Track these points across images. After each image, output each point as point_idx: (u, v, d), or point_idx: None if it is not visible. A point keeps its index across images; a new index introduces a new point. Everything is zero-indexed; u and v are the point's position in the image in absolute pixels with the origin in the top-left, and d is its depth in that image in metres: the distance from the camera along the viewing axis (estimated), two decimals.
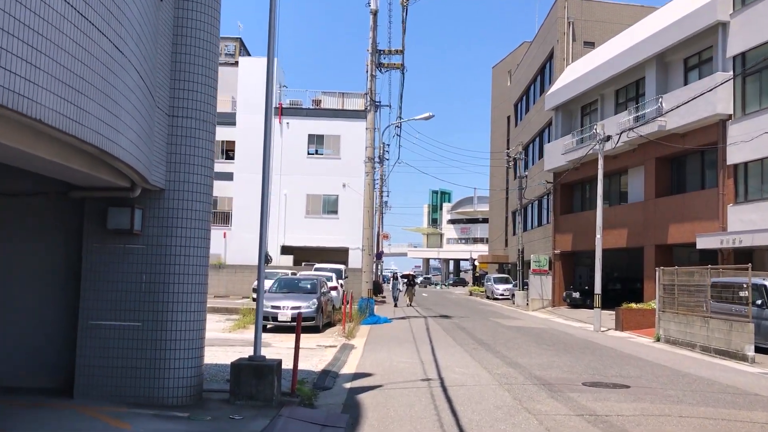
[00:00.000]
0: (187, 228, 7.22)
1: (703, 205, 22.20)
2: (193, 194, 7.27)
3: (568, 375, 9.86)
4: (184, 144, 7.26)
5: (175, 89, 7.25)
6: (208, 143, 7.49)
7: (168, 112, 7.19)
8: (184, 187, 7.24)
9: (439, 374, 9.76)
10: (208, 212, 7.50)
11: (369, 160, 21.74)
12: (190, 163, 7.28)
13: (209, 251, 7.57)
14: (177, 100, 7.26)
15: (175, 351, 7.06)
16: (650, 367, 11.31)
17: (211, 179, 7.58)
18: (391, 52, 21.54)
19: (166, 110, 7.15)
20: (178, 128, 7.25)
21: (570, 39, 35.19)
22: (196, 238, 7.29)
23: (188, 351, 7.15)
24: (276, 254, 35.49)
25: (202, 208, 7.38)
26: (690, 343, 15.54)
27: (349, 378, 9.73)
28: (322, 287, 18.51)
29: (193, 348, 7.21)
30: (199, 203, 7.33)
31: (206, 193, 7.44)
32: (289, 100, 36.08)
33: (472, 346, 13.67)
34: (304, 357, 11.81)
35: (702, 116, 21.47)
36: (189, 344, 7.16)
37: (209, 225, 7.55)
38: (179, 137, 7.25)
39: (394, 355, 12.22)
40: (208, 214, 7.49)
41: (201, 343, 7.40)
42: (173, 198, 7.19)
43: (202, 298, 7.43)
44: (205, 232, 7.42)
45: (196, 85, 7.34)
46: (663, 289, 17.49)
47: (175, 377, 7.05)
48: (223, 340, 14.19)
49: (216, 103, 7.63)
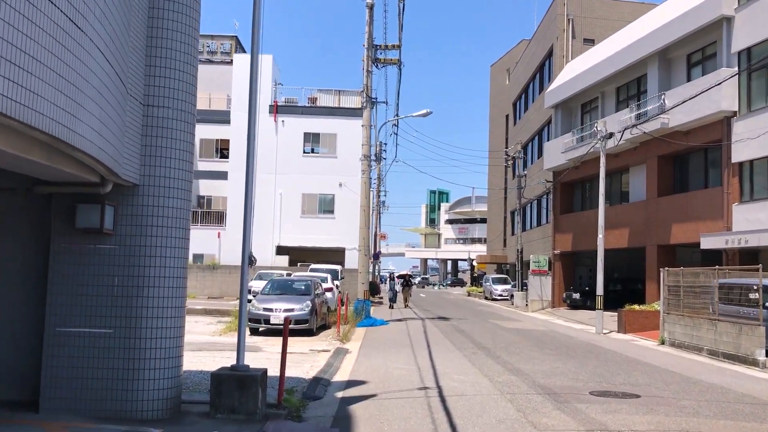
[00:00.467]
0: (164, 227, 6.65)
1: (707, 204, 21.68)
2: (170, 190, 6.71)
3: (573, 383, 9.31)
4: (161, 136, 6.70)
5: (151, 77, 6.68)
6: (186, 135, 6.92)
7: (142, 101, 6.63)
8: (161, 183, 6.67)
9: (437, 382, 9.21)
10: (187, 210, 6.94)
11: (365, 157, 21.17)
12: (167, 157, 6.71)
13: (188, 252, 7.01)
14: (152, 89, 6.69)
15: (149, 360, 6.49)
16: (658, 373, 10.77)
17: (190, 174, 7.01)
18: (387, 47, 20.99)
19: (140, 99, 6.58)
20: (153, 119, 6.68)
21: (570, 36, 34.67)
22: (173, 237, 6.72)
23: (165, 360, 6.59)
24: (271, 255, 34.91)
25: (180, 206, 6.81)
26: (696, 346, 15.01)
27: (341, 386, 9.17)
28: (316, 289, 17.96)
29: (170, 357, 6.65)
30: (176, 200, 6.76)
31: (184, 189, 6.87)
32: (284, 97, 35.51)
33: (471, 351, 13.12)
34: (295, 362, 11.27)
35: (706, 113, 20.94)
36: (165, 353, 6.60)
37: (188, 223, 6.98)
38: (155, 128, 6.69)
39: (390, 360, 11.67)
40: (186, 212, 6.92)
41: (179, 351, 6.83)
42: (148, 194, 6.63)
43: (181, 303, 6.87)
44: (183, 231, 6.86)
45: (174, 72, 6.77)
46: (668, 290, 16.96)
47: (150, 389, 6.49)
48: (211, 345, 13.62)
49: (196, 92, 7.07)
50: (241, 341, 6.95)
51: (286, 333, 7.41)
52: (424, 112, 21.57)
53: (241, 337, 6.95)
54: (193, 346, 13.37)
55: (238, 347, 6.94)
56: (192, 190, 7.03)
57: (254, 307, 16.31)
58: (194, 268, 33.44)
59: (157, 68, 6.69)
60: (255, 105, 7.35)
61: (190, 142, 7.00)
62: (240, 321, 7.01)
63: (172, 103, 6.75)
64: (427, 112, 21.54)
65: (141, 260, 6.54)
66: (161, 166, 6.68)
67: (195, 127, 7.08)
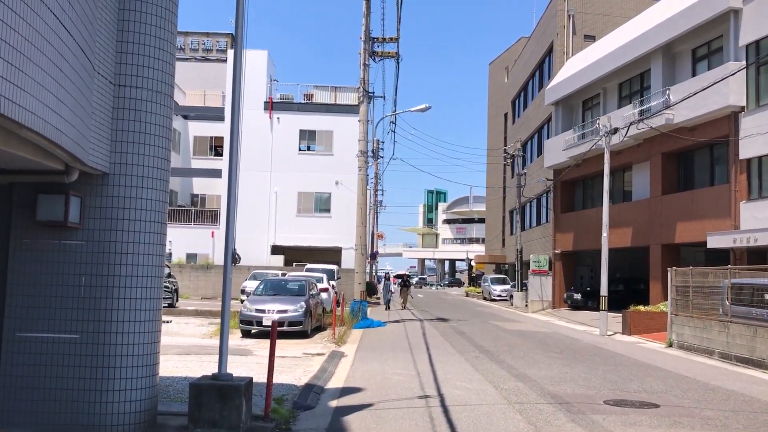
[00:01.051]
0: (137, 220, 5.99)
1: (713, 202, 21.08)
2: (144, 180, 6.04)
3: (585, 390, 8.66)
4: (134, 119, 6.03)
5: (123, 53, 6.02)
6: (163, 119, 6.26)
7: (113, 81, 5.96)
8: (134, 171, 6.01)
9: (439, 390, 8.56)
10: (164, 202, 6.27)
11: (362, 153, 20.52)
12: (140, 143, 6.05)
13: (165, 248, 6.34)
14: (125, 67, 6.03)
15: (121, 369, 5.83)
16: (673, 379, 10.13)
17: (167, 162, 6.35)
18: (385, 39, 20.32)
19: (110, 78, 5.91)
20: (126, 100, 6.02)
21: (570, 32, 34.07)
22: (147, 232, 6.06)
23: (138, 368, 5.92)
24: (266, 254, 34.24)
25: (155, 197, 6.14)
26: (707, 349, 14.39)
27: (335, 394, 8.52)
28: (311, 289, 17.29)
29: (144, 365, 5.98)
30: (151, 190, 6.10)
31: (160, 179, 6.21)
32: (279, 94, 34.83)
33: (473, 354, 12.47)
34: (287, 367, 10.62)
35: (713, 108, 20.34)
36: (139, 360, 5.93)
37: (164, 217, 6.32)
38: (127, 111, 6.02)
39: (388, 365, 11.02)
40: (163, 204, 6.26)
41: (155, 358, 6.16)
42: (119, 184, 5.96)
43: (156, 305, 6.20)
44: (159, 225, 6.19)
45: (149, 49, 6.11)
46: (676, 290, 16.35)
47: (121, 400, 5.82)
48: (201, 348, 12.94)
49: (174, 72, 6.41)
50: (223, 347, 6.28)
51: (273, 337, 6.75)
52: (423, 107, 20.92)
53: (224, 343, 6.28)
54: (180, 349, 12.71)
55: (221, 354, 6.27)
56: (169, 179, 6.36)
57: (246, 309, 15.66)
58: (188, 267, 32.76)
59: (129, 44, 6.02)
60: (239, 92, 6.69)
61: (167, 127, 6.33)
62: (222, 325, 6.34)
63: (146, 83, 6.09)
64: (426, 107, 20.90)
65: (111, 257, 5.87)
66: (134, 152, 6.01)
67: (172, 111, 6.42)
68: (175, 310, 22.48)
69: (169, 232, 32.90)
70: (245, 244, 33.67)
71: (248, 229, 33.72)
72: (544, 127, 36.98)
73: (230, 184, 6.49)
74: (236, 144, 6.68)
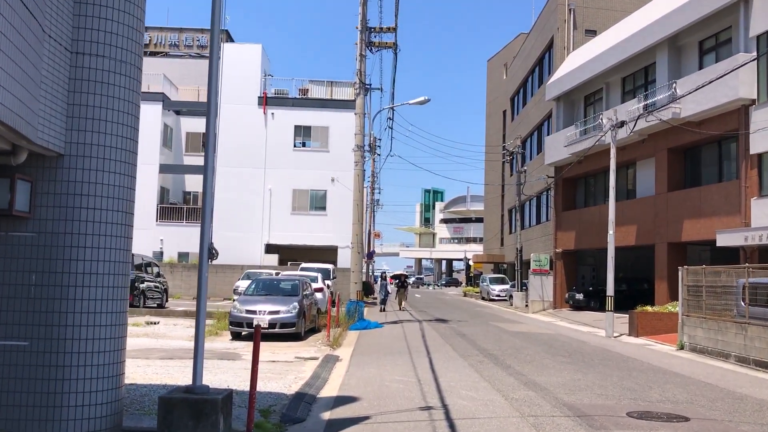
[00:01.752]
0: (98, 209, 5.19)
1: (722, 199, 20.35)
2: (106, 162, 5.24)
3: (604, 401, 7.87)
4: (95, 92, 5.23)
5: (82, 16, 5.22)
6: (130, 94, 5.45)
7: (69, 47, 5.16)
8: (94, 152, 5.21)
9: (443, 400, 7.77)
10: (130, 188, 5.47)
11: (358, 148, 19.71)
12: (103, 120, 5.25)
13: (131, 242, 5.54)
14: (84, 32, 5.22)
15: (77, 381, 5.03)
16: (695, 386, 9.36)
17: (135, 143, 5.55)
18: (382, 29, 19.54)
19: (65, 44, 5.11)
20: (84, 70, 5.21)
21: (571, 27, 33.35)
22: (110, 223, 5.26)
23: (97, 381, 5.12)
24: (260, 253, 33.43)
25: (120, 182, 5.34)
26: (722, 352, 13.64)
27: (329, 404, 7.73)
28: (305, 289, 16.49)
29: (105, 376, 5.18)
30: (115, 175, 5.29)
31: (126, 162, 5.41)
32: (274, 89, 34.00)
33: (477, 359, 11.69)
34: (277, 374, 9.83)
35: (722, 102, 19.60)
36: (98, 371, 5.13)
37: (131, 206, 5.52)
38: (87, 83, 5.22)
39: (386, 370, 10.23)
40: (129, 191, 5.46)
41: (119, 368, 5.36)
42: (77, 167, 5.16)
43: (121, 307, 5.40)
44: (124, 215, 5.39)
45: (114, 12, 5.31)
46: (687, 290, 15.60)
47: (77, 417, 5.02)
48: (186, 351, 12.11)
49: (142, 40, 5.60)
50: (198, 355, 5.47)
51: (257, 343, 5.95)
52: (422, 99, 20.14)
53: (199, 350, 5.48)
54: (164, 353, 11.91)
55: (195, 363, 5.46)
56: (136, 163, 5.56)
57: (236, 309, 14.85)
58: (179, 267, 31.92)
59: (89, 5, 5.22)
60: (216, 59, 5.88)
61: (135, 102, 5.53)
62: (197, 330, 5.53)
63: (109, 51, 5.28)
64: (425, 99, 20.13)
65: (67, 252, 5.07)
66: (95, 131, 5.21)
67: (141, 85, 5.61)
68: (164, 311, 21.68)
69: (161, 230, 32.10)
70: (238, 243, 32.90)
71: (242, 228, 32.93)
72: (544, 123, 36.27)
73: (206, 171, 5.69)
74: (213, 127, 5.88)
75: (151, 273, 22.88)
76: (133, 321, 18.14)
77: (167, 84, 35.41)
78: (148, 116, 33.76)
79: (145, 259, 22.86)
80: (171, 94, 35.66)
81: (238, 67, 33.19)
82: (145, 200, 33.26)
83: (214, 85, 5.64)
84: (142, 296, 21.41)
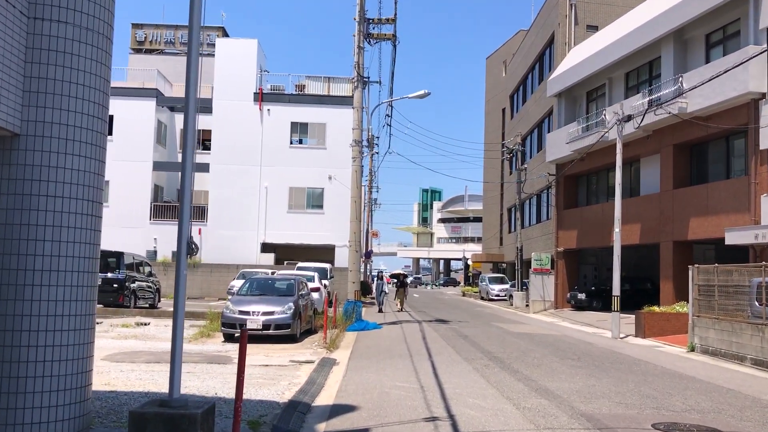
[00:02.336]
0: (61, 197, 4.55)
1: (730, 196, 19.77)
2: (70, 144, 4.60)
3: (624, 410, 7.25)
4: (56, 64, 4.59)
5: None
6: (98, 66, 4.81)
7: (26, 11, 4.52)
8: (55, 132, 4.57)
9: (448, 409, 7.14)
10: (99, 174, 4.83)
11: (356, 143, 19.06)
12: (66, 95, 4.61)
13: (100, 235, 4.90)
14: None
15: (34, 395, 4.39)
16: (717, 392, 8.75)
17: (104, 123, 4.91)
18: (381, 21, 18.89)
19: (20, 7, 4.47)
20: (44, 38, 4.57)
21: (572, 22, 32.78)
22: (75, 213, 4.62)
23: (58, 394, 4.48)
24: (256, 252, 32.76)
25: (86, 167, 4.70)
26: (737, 355, 13.04)
27: (324, 414, 7.10)
28: (301, 289, 15.84)
29: (67, 389, 4.53)
30: (80, 158, 4.65)
31: (94, 145, 4.76)
32: (270, 85, 33.32)
33: (482, 362, 11.06)
34: (270, 379, 9.19)
35: (730, 96, 19.01)
36: (59, 382, 4.49)
37: (100, 194, 4.88)
38: (47, 53, 4.58)
39: (386, 375, 9.60)
40: (97, 178, 4.82)
41: (84, 378, 4.71)
42: (35, 149, 4.52)
43: (87, 309, 4.75)
44: (90, 204, 4.75)
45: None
46: (698, 290, 15.00)
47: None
48: None
49: (113, 6, 4.95)
50: (176, 363, 4.82)
51: (243, 350, 5.30)
52: (422, 93, 19.50)
53: (176, 357, 4.83)
54: (151, 356, 11.26)
55: (172, 372, 4.82)
56: (106, 146, 4.91)
57: (228, 310, 14.20)
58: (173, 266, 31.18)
59: None
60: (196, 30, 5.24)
61: (104, 77, 4.88)
62: (174, 333, 4.88)
63: (74, 17, 4.64)
64: (425, 93, 19.49)
65: (23, 246, 4.43)
66: (57, 108, 4.57)
67: (111, 58, 4.97)
68: (156, 312, 21.01)
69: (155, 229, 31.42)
70: (234, 242, 32.23)
71: (237, 226, 32.26)
72: (544, 120, 35.70)
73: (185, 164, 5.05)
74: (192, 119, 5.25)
75: (143, 272, 22.22)
76: (122, 322, 17.49)
77: (161, 80, 34.74)
78: (142, 113, 33.11)
79: (136, 258, 22.20)
80: (165, 91, 34.98)
81: (233, 63, 32.53)
82: (138, 198, 32.59)
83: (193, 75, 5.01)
84: (133, 296, 20.75)
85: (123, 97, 32.31)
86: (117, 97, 33.11)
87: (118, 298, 19.63)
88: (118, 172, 32.48)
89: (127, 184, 32.17)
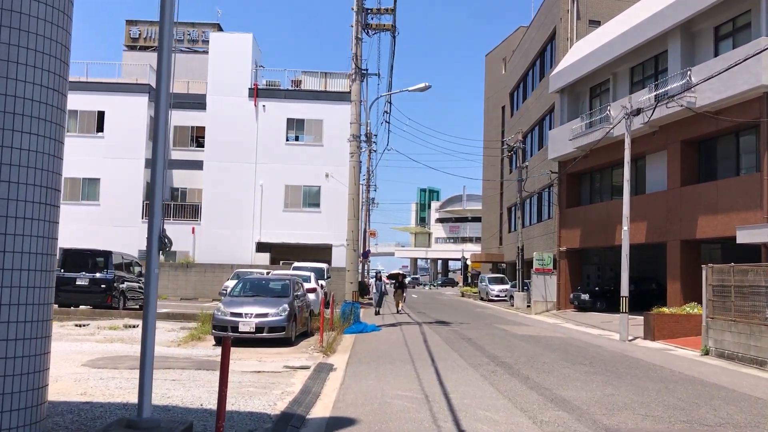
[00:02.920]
0: (8, 182, 3.84)
1: (740, 194, 19.13)
2: (18, 119, 3.89)
3: (652, 424, 6.57)
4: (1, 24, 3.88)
5: None
6: (55, 29, 4.10)
7: None
8: (1, 106, 3.86)
9: (458, 424, 6.45)
10: (57, 157, 4.13)
11: (354, 138, 18.37)
12: (13, 61, 3.90)
13: (57, 227, 4.19)
14: None
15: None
16: (747, 402, 8.09)
17: (64, 98, 4.20)
18: (380, 11, 18.21)
19: None
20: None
21: (574, 17, 32.17)
22: (27, 202, 3.91)
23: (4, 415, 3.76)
24: (251, 252, 32.04)
25: (41, 148, 4.00)
26: (755, 359, 12.39)
27: (320, 427, 6.43)
28: (296, 289, 15.13)
29: (15, 409, 3.82)
30: (34, 137, 3.95)
31: (52, 122, 4.06)
32: (265, 80, 32.61)
33: (488, 368, 10.38)
34: (262, 387, 8.49)
35: (742, 89, 18.37)
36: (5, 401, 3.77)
37: (59, 180, 4.17)
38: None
39: (387, 382, 8.91)
40: (55, 161, 4.11)
41: (37, 396, 4.00)
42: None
43: (41, 314, 4.04)
44: (48, 192, 4.04)
45: None
46: (712, 291, 14.35)
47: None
48: (162, 360, 10.73)
49: None
50: (145, 378, 4.12)
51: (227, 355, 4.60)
52: (422, 86, 18.82)
53: (146, 370, 4.13)
54: (135, 361, 10.45)
55: (141, 389, 4.11)
56: (65, 124, 4.21)
57: (220, 312, 13.47)
58: (166, 266, 30.50)
59: None
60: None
61: (63, 44, 4.18)
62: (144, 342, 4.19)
63: None
64: (426, 85, 18.81)
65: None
66: (2, 76, 3.86)
67: (71, 22, 4.26)
68: None
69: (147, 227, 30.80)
70: (228, 241, 31.50)
71: (231, 225, 31.54)
72: (546, 117, 35.07)
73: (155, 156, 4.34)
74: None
75: (133, 273, 21.48)
76: (110, 324, 16.78)
77: (154, 76, 33.97)
78: (135, 109, 32.37)
79: (126, 258, 21.46)
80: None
81: (227, 58, 31.82)
82: (130, 196, 31.85)
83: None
84: (123, 297, 20.02)
85: (114, 92, 31.56)
86: (108, 92, 32.40)
87: (106, 299, 18.92)
88: (109, 170, 31.76)
89: (118, 182, 31.44)
